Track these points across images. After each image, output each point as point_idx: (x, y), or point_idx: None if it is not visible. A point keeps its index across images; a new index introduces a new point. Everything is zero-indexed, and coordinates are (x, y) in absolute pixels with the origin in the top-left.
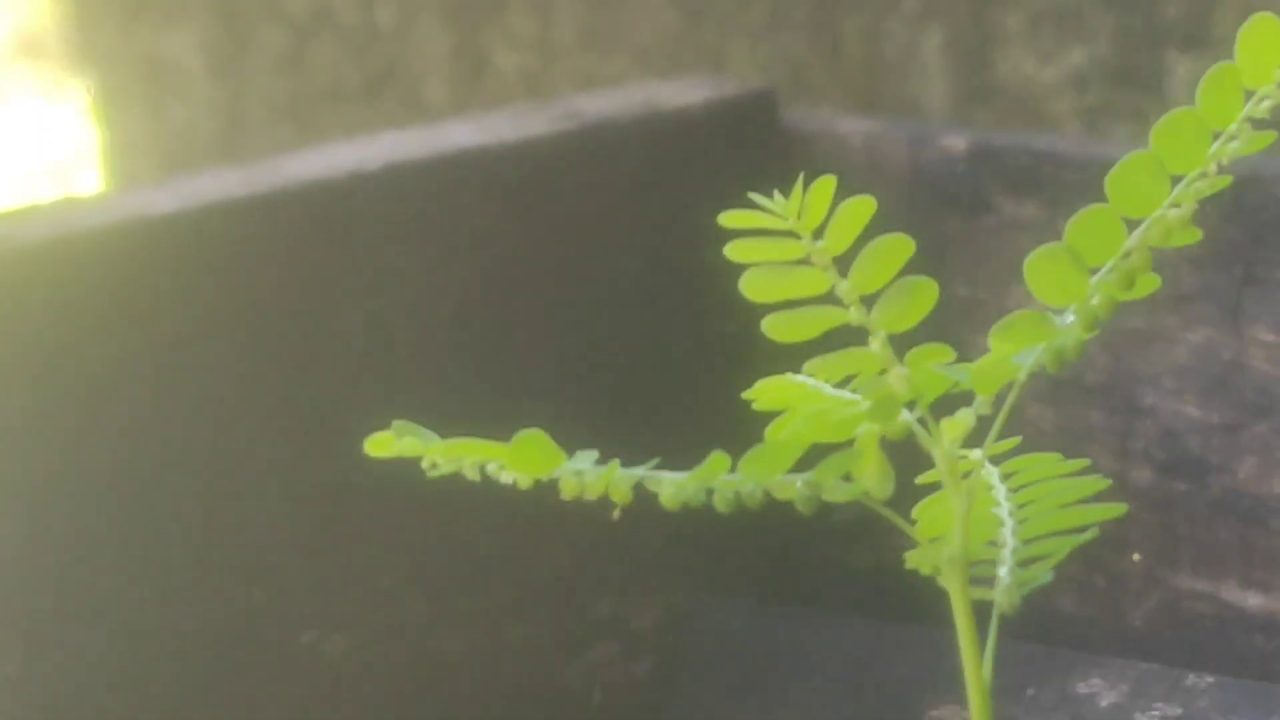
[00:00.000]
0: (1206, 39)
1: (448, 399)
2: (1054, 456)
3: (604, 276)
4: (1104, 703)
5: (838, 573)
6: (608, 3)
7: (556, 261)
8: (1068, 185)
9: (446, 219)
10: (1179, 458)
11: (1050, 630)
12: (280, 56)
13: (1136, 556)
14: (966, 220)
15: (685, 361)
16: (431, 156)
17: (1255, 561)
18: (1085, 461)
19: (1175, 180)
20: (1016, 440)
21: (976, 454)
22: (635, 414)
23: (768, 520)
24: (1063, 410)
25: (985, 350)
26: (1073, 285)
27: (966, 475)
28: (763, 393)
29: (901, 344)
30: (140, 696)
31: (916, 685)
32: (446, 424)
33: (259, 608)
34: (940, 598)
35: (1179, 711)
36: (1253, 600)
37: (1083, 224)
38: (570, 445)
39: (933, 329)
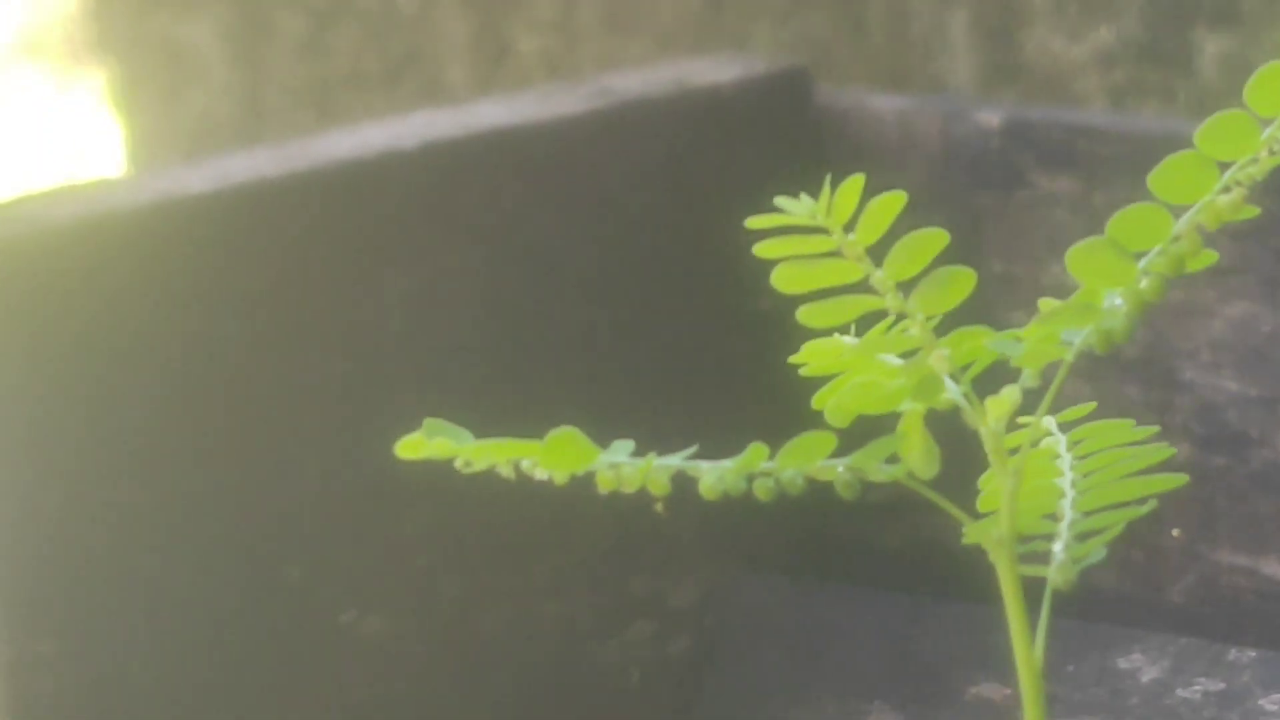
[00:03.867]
0: (1236, 16)
1: (483, 377)
2: (1127, 423)
3: (636, 254)
4: (1145, 678)
5: (875, 549)
6: None
7: (588, 239)
8: (1103, 159)
9: (479, 198)
10: (1217, 432)
11: (1089, 607)
12: (300, 42)
13: (1176, 532)
14: (1001, 196)
15: (718, 339)
16: (464, 136)
17: None
18: (1156, 429)
19: (1224, 166)
20: (1092, 406)
21: (1047, 421)
22: (668, 392)
23: (804, 497)
24: (1100, 385)
25: (1021, 327)
26: (1118, 271)
27: (1026, 446)
28: (809, 356)
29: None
30: (175, 676)
31: (956, 662)
32: (482, 402)
33: (295, 587)
34: (978, 573)
35: (1221, 686)
36: None
37: (1125, 218)
38: (604, 424)
39: (968, 306)
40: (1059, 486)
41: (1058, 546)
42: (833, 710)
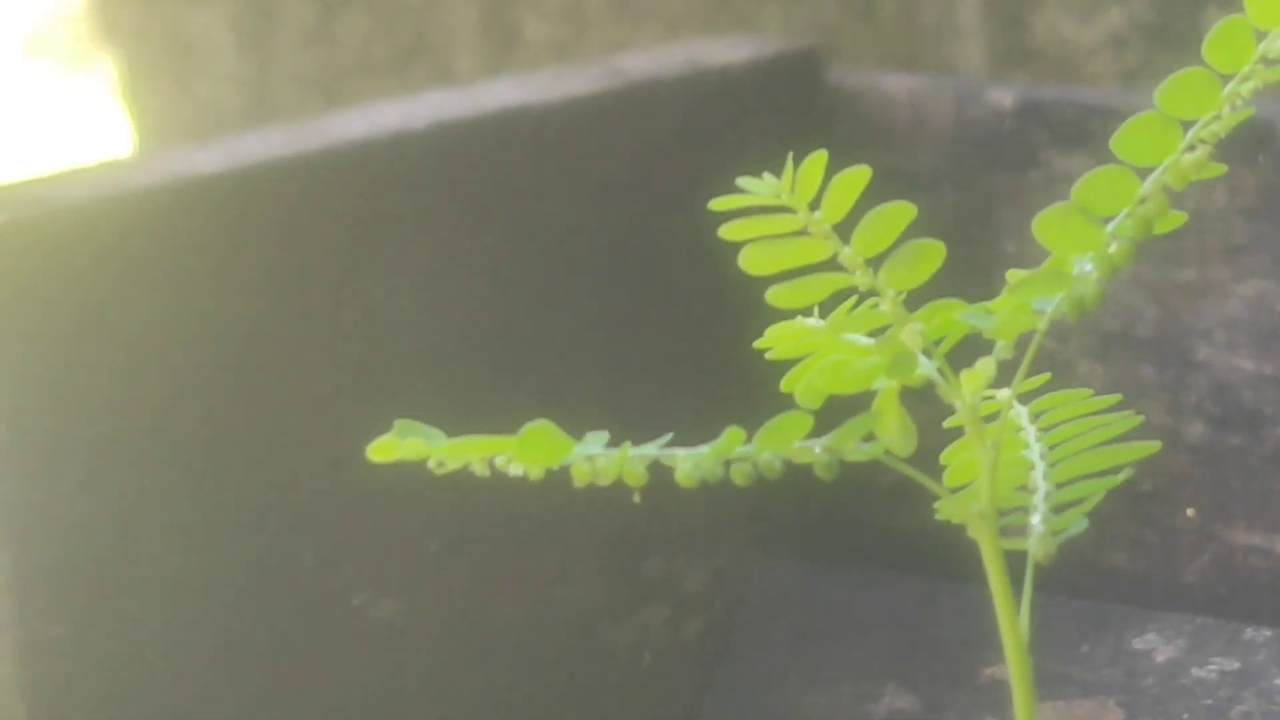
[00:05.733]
0: None
1: (494, 358)
2: (1084, 392)
3: (647, 234)
4: (1160, 658)
5: (887, 532)
6: None
7: (600, 219)
8: None
9: (491, 177)
10: (1232, 411)
11: (1103, 587)
12: (308, 30)
13: (1190, 512)
14: (1014, 175)
15: (728, 320)
16: (476, 115)
17: None
18: (1117, 397)
19: (1186, 125)
20: (1046, 377)
21: (1004, 393)
22: (678, 372)
23: (815, 480)
24: (1113, 366)
25: None
26: (1087, 237)
27: (993, 417)
28: (775, 340)
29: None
30: (189, 659)
31: (969, 644)
32: (492, 383)
33: (309, 571)
34: None
35: (1237, 665)
36: None
37: (1091, 182)
38: (616, 405)
39: (980, 285)
40: (1027, 458)
41: (1035, 519)
42: (847, 692)
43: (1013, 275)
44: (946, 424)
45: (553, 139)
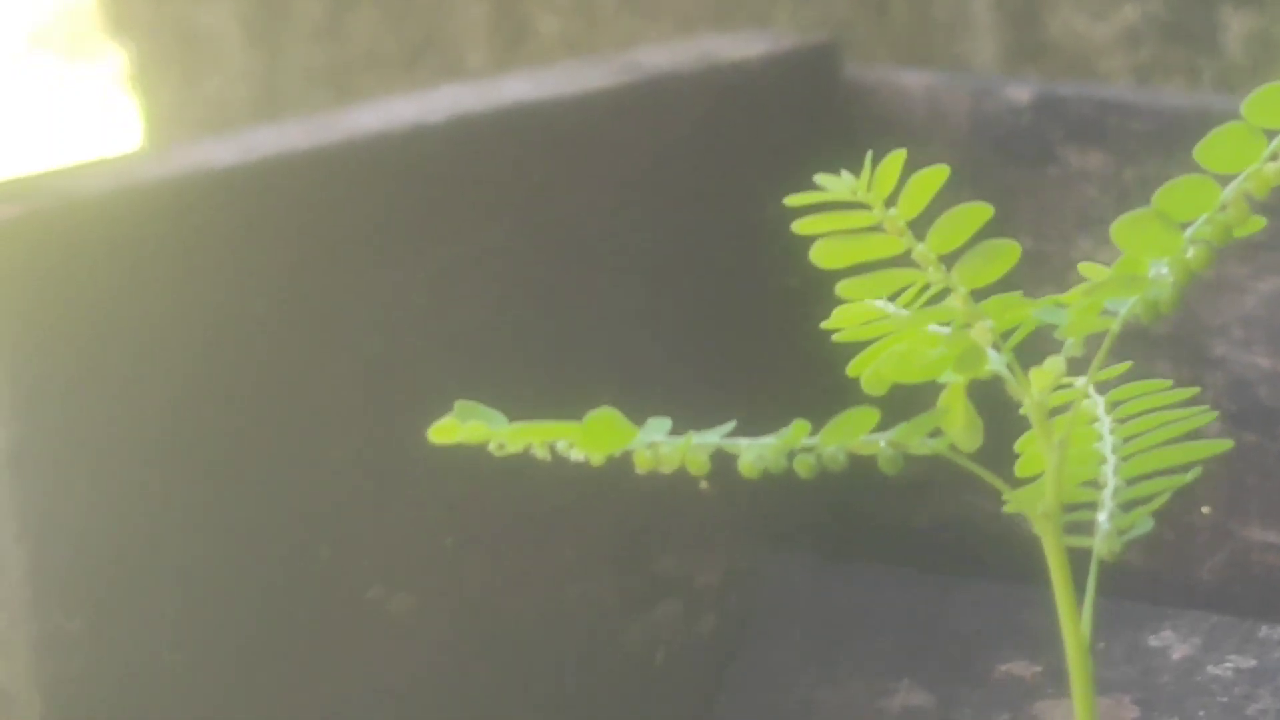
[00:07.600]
0: None
1: (510, 353)
2: (1164, 383)
3: (663, 230)
4: (1176, 655)
5: (902, 528)
6: None
7: (616, 215)
8: (1133, 135)
9: (507, 172)
10: (1248, 409)
11: (1118, 585)
12: (318, 25)
13: (1206, 509)
14: (1030, 172)
15: (746, 316)
16: (492, 110)
17: None
18: (1195, 390)
19: (1270, 135)
20: (1125, 366)
21: (1080, 382)
22: (695, 369)
23: (829, 476)
24: (1129, 361)
25: None
26: (1164, 241)
27: (1065, 407)
28: (844, 321)
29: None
30: (204, 653)
31: (983, 640)
32: (509, 379)
33: (324, 565)
34: (1006, 551)
35: (1253, 663)
36: None
37: (1173, 190)
38: (631, 401)
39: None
40: (1099, 452)
41: (1102, 516)
42: (860, 689)
43: (1087, 270)
44: (1022, 411)
45: (569, 133)
